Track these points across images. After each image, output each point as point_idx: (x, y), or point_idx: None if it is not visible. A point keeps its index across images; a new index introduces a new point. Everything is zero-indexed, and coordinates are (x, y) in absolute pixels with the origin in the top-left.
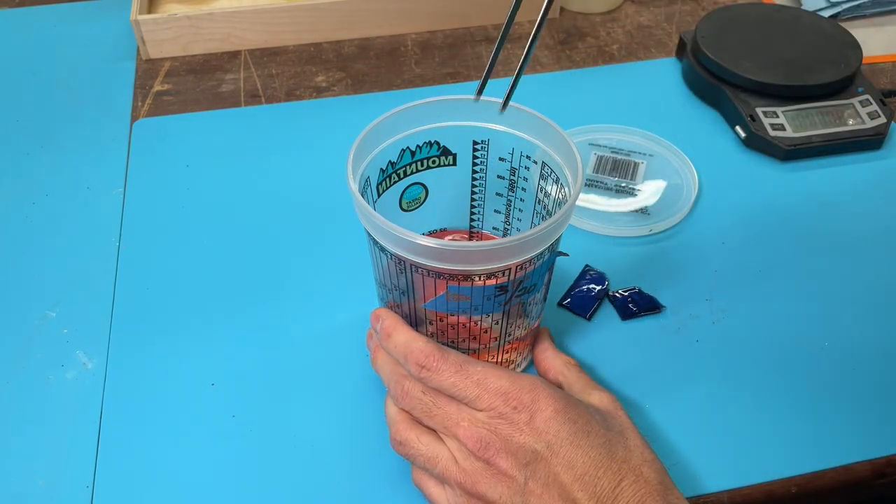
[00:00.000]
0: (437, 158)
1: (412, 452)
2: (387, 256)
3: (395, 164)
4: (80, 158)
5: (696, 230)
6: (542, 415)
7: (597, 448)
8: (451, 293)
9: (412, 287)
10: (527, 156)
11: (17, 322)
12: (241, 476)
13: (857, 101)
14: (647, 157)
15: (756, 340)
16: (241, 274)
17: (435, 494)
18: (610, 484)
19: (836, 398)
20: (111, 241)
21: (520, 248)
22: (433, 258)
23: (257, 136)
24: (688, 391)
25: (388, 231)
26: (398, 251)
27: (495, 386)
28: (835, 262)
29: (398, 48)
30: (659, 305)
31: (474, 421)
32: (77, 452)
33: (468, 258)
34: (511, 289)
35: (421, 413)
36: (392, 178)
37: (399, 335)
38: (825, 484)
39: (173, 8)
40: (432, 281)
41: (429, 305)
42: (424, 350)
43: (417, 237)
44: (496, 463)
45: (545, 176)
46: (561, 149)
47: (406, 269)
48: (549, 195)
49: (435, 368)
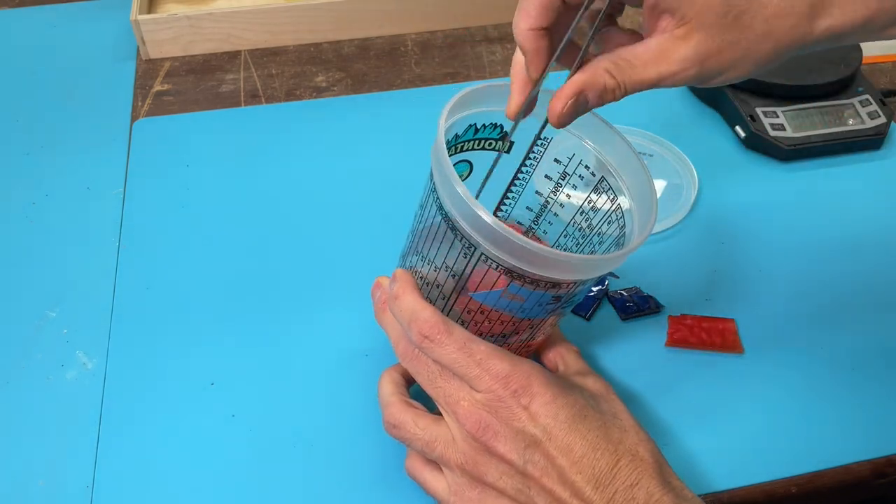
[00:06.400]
0: (495, 142)
1: (408, 436)
2: (454, 235)
3: (458, 136)
4: (80, 158)
5: (696, 230)
6: (540, 399)
7: (593, 431)
8: (509, 291)
9: (469, 273)
10: (585, 165)
11: (17, 322)
12: (240, 475)
13: (857, 101)
14: (647, 157)
15: (756, 340)
16: (240, 274)
17: (430, 480)
18: (607, 465)
19: (836, 398)
20: (111, 241)
21: (607, 264)
22: (515, 256)
23: (257, 136)
24: (687, 391)
25: (479, 217)
26: (476, 237)
27: (496, 368)
28: (835, 262)
29: (398, 48)
30: (659, 305)
31: (474, 402)
32: (77, 452)
33: (552, 266)
34: (564, 300)
35: (425, 380)
36: (451, 150)
37: (406, 299)
38: (825, 484)
39: (173, 8)
40: (496, 275)
41: (478, 296)
42: (430, 320)
43: (510, 232)
44: (494, 447)
45: (600, 190)
46: (628, 168)
47: (473, 254)
48: (597, 209)
49: (438, 341)
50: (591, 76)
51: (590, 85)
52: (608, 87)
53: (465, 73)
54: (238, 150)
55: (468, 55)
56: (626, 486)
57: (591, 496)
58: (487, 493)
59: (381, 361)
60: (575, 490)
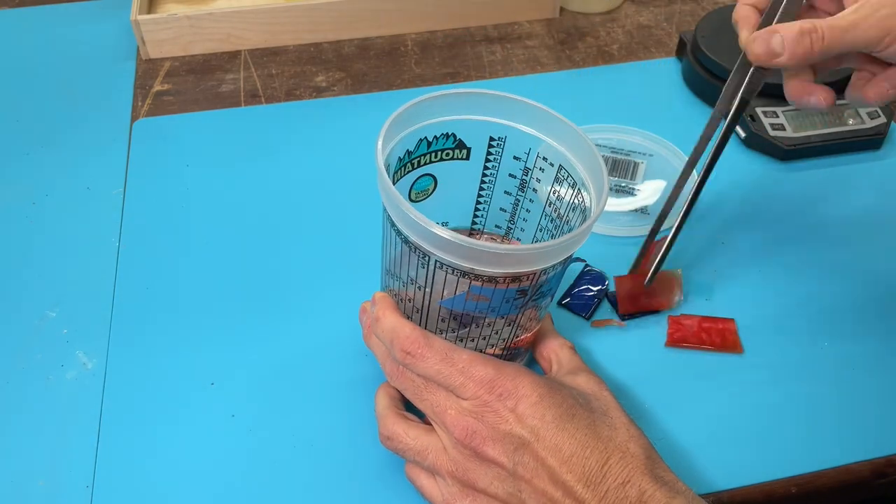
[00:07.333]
0: (452, 151)
1: (400, 446)
2: (409, 248)
3: (411, 153)
4: (80, 158)
5: (696, 230)
6: (526, 401)
7: (582, 430)
8: (472, 293)
9: (432, 282)
10: (543, 157)
11: (17, 322)
12: (240, 475)
13: None
14: (647, 157)
15: (755, 340)
16: (240, 274)
17: (427, 487)
18: (597, 463)
19: (836, 398)
20: (111, 241)
21: (555, 251)
22: (463, 257)
23: (257, 136)
24: (687, 391)
25: (420, 225)
26: (426, 246)
27: (480, 374)
28: (834, 262)
29: (398, 48)
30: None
31: (460, 409)
32: (77, 452)
33: (501, 261)
34: (531, 293)
35: (412, 395)
36: (407, 167)
37: (387, 320)
38: (825, 484)
39: (173, 8)
40: (455, 279)
41: (446, 303)
42: (410, 336)
43: (453, 234)
44: (483, 451)
45: (560, 179)
46: (582, 154)
47: (429, 263)
48: (562, 199)
49: (419, 355)
50: (811, 24)
51: (810, 30)
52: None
53: (465, 73)
54: (238, 150)
55: (468, 55)
56: (617, 484)
57: (583, 494)
58: (479, 500)
59: None
60: (567, 489)
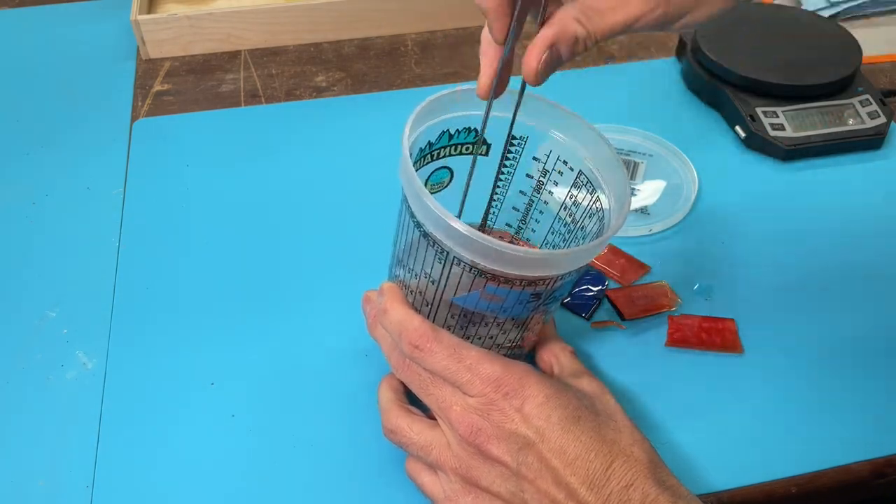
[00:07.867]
0: (472, 146)
1: (404, 441)
2: (427, 242)
3: (432, 144)
4: (80, 158)
5: (695, 230)
6: (532, 401)
7: (587, 432)
8: (486, 292)
9: (447, 277)
10: (563, 160)
11: (17, 322)
12: (240, 475)
13: (856, 100)
14: (647, 157)
15: (755, 340)
16: (240, 273)
17: (428, 483)
18: (602, 466)
19: (836, 398)
20: (111, 241)
21: (579, 257)
22: (486, 258)
23: (257, 136)
24: (687, 391)
25: (443, 221)
26: (447, 242)
27: (487, 372)
28: (834, 262)
29: (398, 48)
30: None
31: (466, 406)
32: (77, 452)
33: (524, 264)
34: (544, 297)
35: (418, 388)
36: (427, 158)
37: (395, 312)
38: (825, 484)
39: (173, 8)
40: (472, 277)
41: (459, 300)
42: (418, 330)
43: (485, 237)
44: (488, 449)
45: (579, 185)
46: (604, 162)
47: (446, 259)
48: (578, 204)
49: (427, 350)
50: (561, 27)
51: (561, 36)
52: (579, 36)
53: (465, 73)
54: (238, 150)
55: (468, 55)
56: (621, 488)
57: (587, 497)
58: (481, 498)
59: (381, 361)
60: (570, 491)
